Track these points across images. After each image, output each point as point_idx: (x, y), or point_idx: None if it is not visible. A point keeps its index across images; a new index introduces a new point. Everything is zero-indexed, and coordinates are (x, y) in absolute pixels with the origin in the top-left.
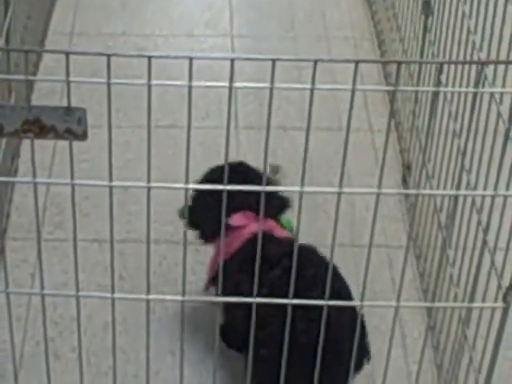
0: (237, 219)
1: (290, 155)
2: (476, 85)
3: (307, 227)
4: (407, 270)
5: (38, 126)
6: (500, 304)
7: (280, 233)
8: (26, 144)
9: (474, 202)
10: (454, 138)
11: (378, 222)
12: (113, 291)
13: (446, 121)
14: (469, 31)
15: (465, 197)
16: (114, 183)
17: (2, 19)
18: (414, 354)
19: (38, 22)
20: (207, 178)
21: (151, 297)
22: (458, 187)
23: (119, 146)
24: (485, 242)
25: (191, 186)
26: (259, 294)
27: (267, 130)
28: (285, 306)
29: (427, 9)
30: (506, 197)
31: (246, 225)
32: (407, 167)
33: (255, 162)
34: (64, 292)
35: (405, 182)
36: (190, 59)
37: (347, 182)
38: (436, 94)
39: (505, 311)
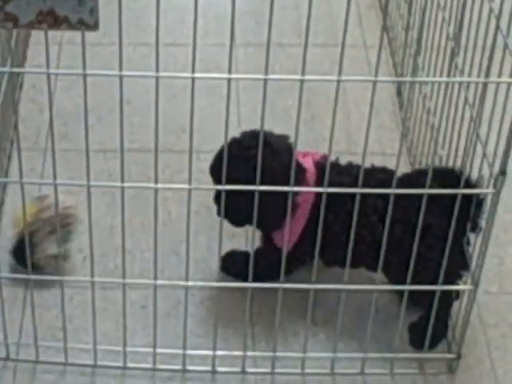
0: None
1: (287, 70)
2: None
3: (305, 137)
4: None
5: (51, 17)
6: (491, 190)
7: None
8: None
9: (462, 86)
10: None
11: (372, 131)
12: (122, 180)
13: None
14: None
15: (457, 93)
16: (124, 73)
17: None
18: None
19: None
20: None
21: (159, 186)
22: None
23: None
24: (477, 134)
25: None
26: None
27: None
28: None
29: None
30: (498, 83)
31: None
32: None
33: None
34: (76, 182)
35: (399, 95)
36: None
37: (343, 93)
38: None
39: (495, 196)
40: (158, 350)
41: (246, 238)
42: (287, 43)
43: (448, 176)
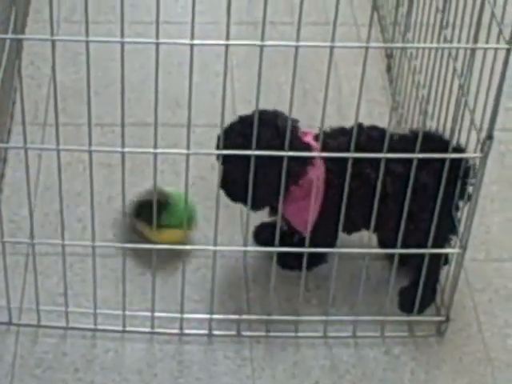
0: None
1: (279, 48)
2: None
3: (297, 112)
4: None
5: None
6: (479, 154)
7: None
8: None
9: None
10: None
11: (363, 105)
12: (123, 145)
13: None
14: None
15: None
16: (126, 39)
17: None
18: None
19: None
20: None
21: (158, 150)
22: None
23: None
24: (465, 102)
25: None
26: None
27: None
28: None
29: None
30: (485, 50)
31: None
32: (390, 56)
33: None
34: (78, 147)
35: (389, 72)
36: None
37: (334, 69)
38: None
39: (483, 160)
40: (156, 314)
41: (241, 208)
42: (279, 21)
43: (436, 141)
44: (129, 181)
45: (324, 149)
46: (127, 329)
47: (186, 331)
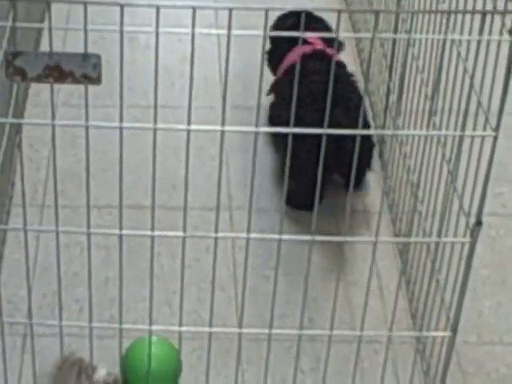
0: (307, 35)
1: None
2: (443, 34)
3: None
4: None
5: (57, 72)
6: (468, 239)
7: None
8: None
9: (440, 141)
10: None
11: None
12: (121, 228)
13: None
14: (438, 1)
15: (436, 147)
16: (124, 124)
17: None
18: (390, 304)
19: None
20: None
21: (156, 233)
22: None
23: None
24: (454, 188)
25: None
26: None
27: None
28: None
29: None
30: (472, 137)
31: (313, 43)
32: (382, 141)
33: None
34: (77, 230)
35: (381, 157)
36: (194, 9)
37: None
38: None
39: (471, 246)
40: None
41: (236, 290)
42: None
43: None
44: (126, 262)
45: None
46: None
47: None
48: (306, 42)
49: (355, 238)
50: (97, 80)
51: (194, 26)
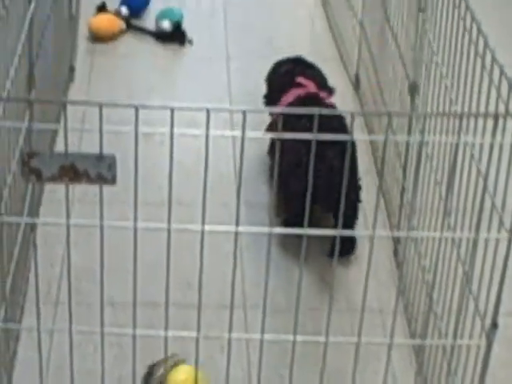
0: (301, 79)
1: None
2: (456, 137)
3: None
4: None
5: (72, 172)
6: (483, 341)
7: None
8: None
9: (455, 241)
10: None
11: (370, 289)
12: (134, 327)
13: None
14: (451, 102)
15: (451, 247)
16: (139, 224)
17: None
18: None
19: (52, 110)
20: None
21: (169, 334)
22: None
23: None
24: (469, 290)
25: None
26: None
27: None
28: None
29: (413, 89)
30: (487, 240)
31: (306, 85)
32: (397, 241)
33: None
34: (91, 329)
35: (396, 256)
36: (208, 111)
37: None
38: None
39: (487, 349)
40: None
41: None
42: None
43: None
44: (139, 361)
45: None
46: None
47: None
48: (299, 84)
49: (370, 340)
50: (111, 180)
51: (208, 128)
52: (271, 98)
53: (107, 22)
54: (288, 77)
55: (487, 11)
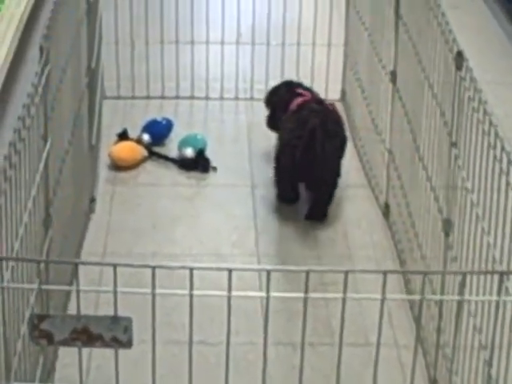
0: (300, 90)
1: (318, 369)
2: (498, 294)
3: None
4: None
5: (85, 335)
6: None
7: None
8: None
9: None
10: (480, 350)
11: None
12: None
13: (471, 335)
14: (488, 246)
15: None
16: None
17: (42, 240)
18: None
19: (72, 243)
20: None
21: None
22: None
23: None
24: None
25: None
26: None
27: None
28: None
29: (448, 226)
30: None
31: (306, 95)
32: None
33: None
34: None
35: None
36: (230, 271)
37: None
38: (460, 305)
39: None
40: None
41: None
42: (318, 342)
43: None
44: None
45: None
46: None
47: None
48: (300, 94)
49: None
50: (127, 344)
51: (230, 290)
52: (273, 119)
53: (129, 149)
54: (288, 94)
55: None
